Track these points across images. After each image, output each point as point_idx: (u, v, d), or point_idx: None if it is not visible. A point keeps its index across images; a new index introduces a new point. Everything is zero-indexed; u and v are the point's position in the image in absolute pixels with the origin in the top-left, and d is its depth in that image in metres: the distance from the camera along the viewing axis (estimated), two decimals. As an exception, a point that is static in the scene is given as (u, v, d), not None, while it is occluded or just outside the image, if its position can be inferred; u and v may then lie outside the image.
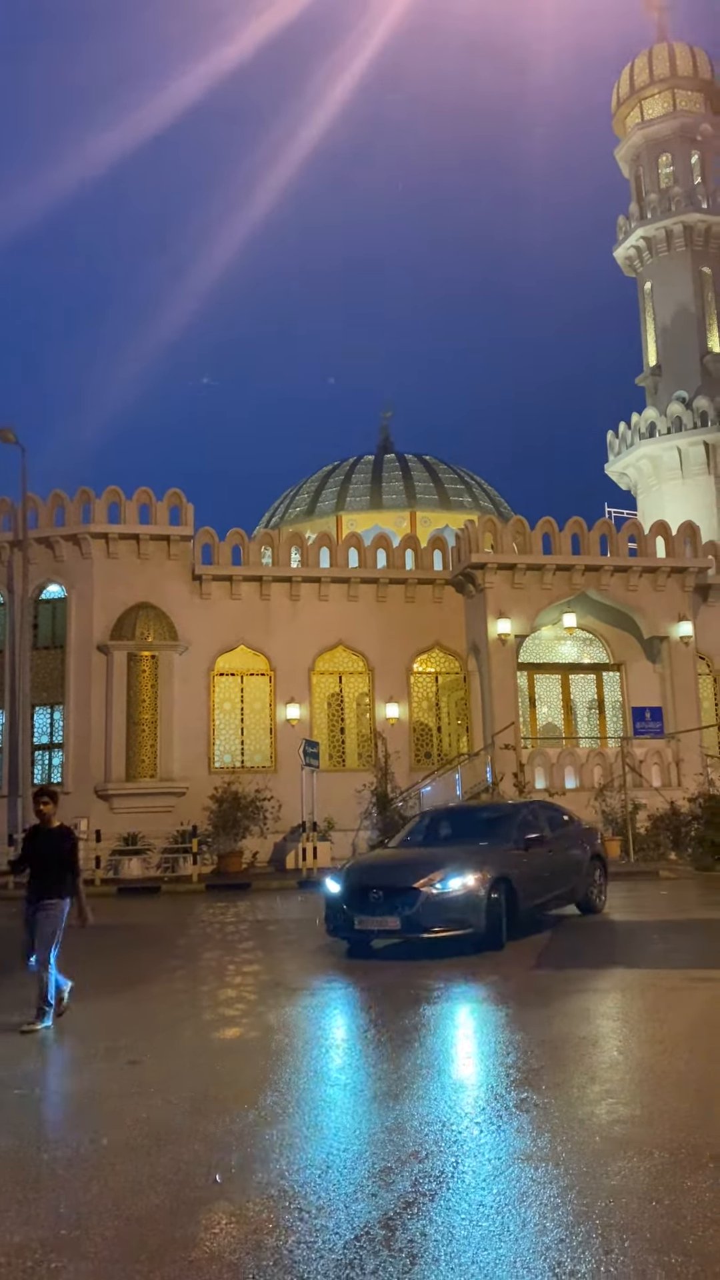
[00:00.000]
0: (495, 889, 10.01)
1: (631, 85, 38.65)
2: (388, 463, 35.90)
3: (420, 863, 10.43)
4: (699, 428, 34.55)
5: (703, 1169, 4.23)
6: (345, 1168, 4.41)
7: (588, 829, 14.01)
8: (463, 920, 9.73)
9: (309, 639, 25.77)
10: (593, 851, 13.12)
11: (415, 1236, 3.65)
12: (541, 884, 11.16)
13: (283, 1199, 4.07)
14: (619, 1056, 6.33)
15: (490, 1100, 5.35)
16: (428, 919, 9.68)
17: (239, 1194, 4.16)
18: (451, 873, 9.91)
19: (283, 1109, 5.38)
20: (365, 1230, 3.73)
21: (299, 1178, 4.31)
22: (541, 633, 26.86)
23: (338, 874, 10.81)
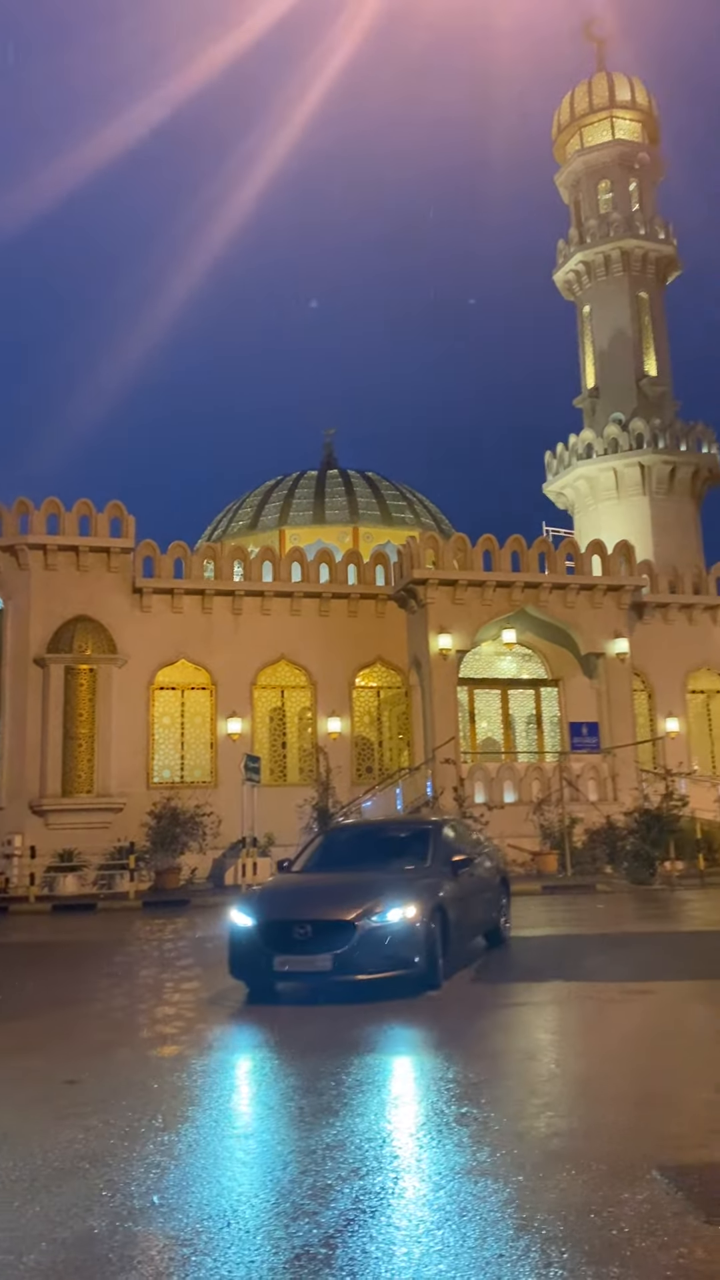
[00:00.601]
0: (433, 920, 8.78)
1: (572, 113, 39.48)
2: (331, 478, 36.01)
3: (351, 891, 8.95)
4: (634, 450, 35.24)
5: (640, 1181, 4.27)
6: (286, 1186, 4.37)
7: (494, 846, 13.24)
8: (403, 958, 8.40)
9: (251, 653, 25.68)
10: (500, 873, 11.99)
11: (356, 1254, 3.63)
12: (469, 913, 10.03)
13: (221, 1219, 4.02)
14: (557, 1069, 6.37)
15: (430, 1115, 5.35)
16: (365, 958, 8.30)
17: (178, 1214, 4.10)
18: (391, 902, 8.54)
19: (222, 1127, 5.32)
20: (305, 1249, 3.70)
21: (238, 1197, 4.27)
22: (482, 648, 27.10)
23: (248, 903, 9.12)
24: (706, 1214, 3.85)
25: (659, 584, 28.90)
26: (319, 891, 9.36)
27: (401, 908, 8.51)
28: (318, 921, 8.49)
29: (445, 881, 9.45)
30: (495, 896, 11.30)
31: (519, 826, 23.91)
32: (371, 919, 8.40)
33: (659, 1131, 4.94)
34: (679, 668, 28.80)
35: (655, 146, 39.46)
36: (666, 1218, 3.85)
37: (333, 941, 8.31)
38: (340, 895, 8.91)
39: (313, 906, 8.82)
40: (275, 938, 8.51)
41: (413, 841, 10.35)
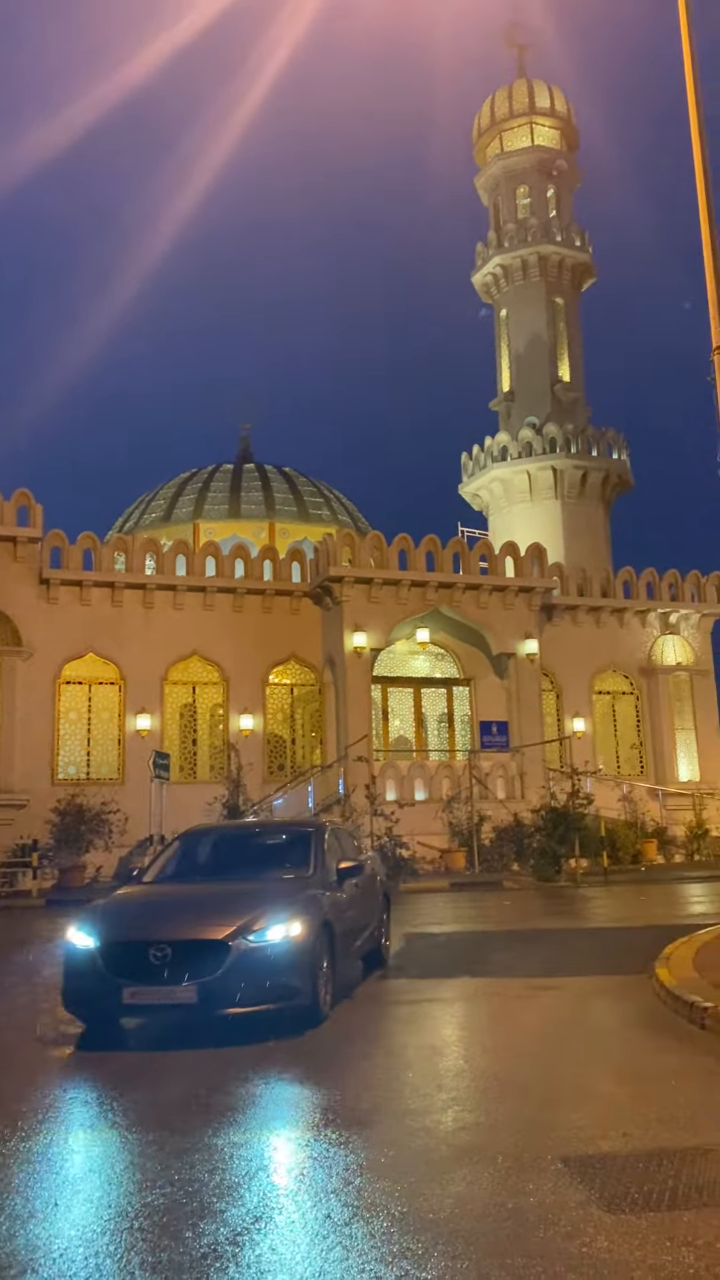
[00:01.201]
0: (320, 939, 7.41)
1: (493, 117, 39.93)
2: (247, 472, 35.74)
3: (223, 903, 7.43)
4: (548, 454, 35.82)
5: (545, 1172, 4.32)
6: (196, 1183, 4.30)
7: (375, 855, 11.97)
8: (288, 985, 6.95)
9: (162, 648, 25.33)
10: (382, 886, 10.52)
11: (264, 1253, 3.59)
12: (355, 930, 8.73)
13: (126, 1216, 3.94)
14: (464, 1064, 6.42)
15: (339, 1111, 5.34)
16: (241, 987, 6.76)
17: (78, 1220, 3.99)
18: (273, 916, 7.06)
19: (122, 1123, 5.21)
20: (213, 1248, 3.64)
21: (147, 1197, 4.18)
22: (395, 647, 27.23)
23: (88, 918, 7.54)
24: (608, 1204, 3.92)
25: (569, 586, 29.45)
26: (181, 904, 7.81)
27: (285, 924, 7.02)
28: (180, 942, 6.90)
29: (330, 894, 8.09)
30: (378, 911, 9.83)
31: (428, 824, 24.10)
32: (249, 938, 6.89)
33: (563, 1124, 5.02)
34: (586, 669, 29.39)
35: (573, 154, 40.18)
36: (570, 1208, 3.90)
37: (199, 967, 6.75)
38: (209, 909, 7.41)
39: (173, 923, 7.21)
40: (123, 963, 6.90)
41: (292, 847, 8.92)
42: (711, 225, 9.45)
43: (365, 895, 9.23)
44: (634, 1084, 5.75)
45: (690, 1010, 7.21)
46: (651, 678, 30.01)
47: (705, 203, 9.49)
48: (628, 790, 27.61)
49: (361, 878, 9.05)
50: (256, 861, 8.87)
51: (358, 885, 8.93)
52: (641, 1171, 4.28)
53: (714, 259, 9.41)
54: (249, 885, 8.01)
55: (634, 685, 30.08)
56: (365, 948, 9.28)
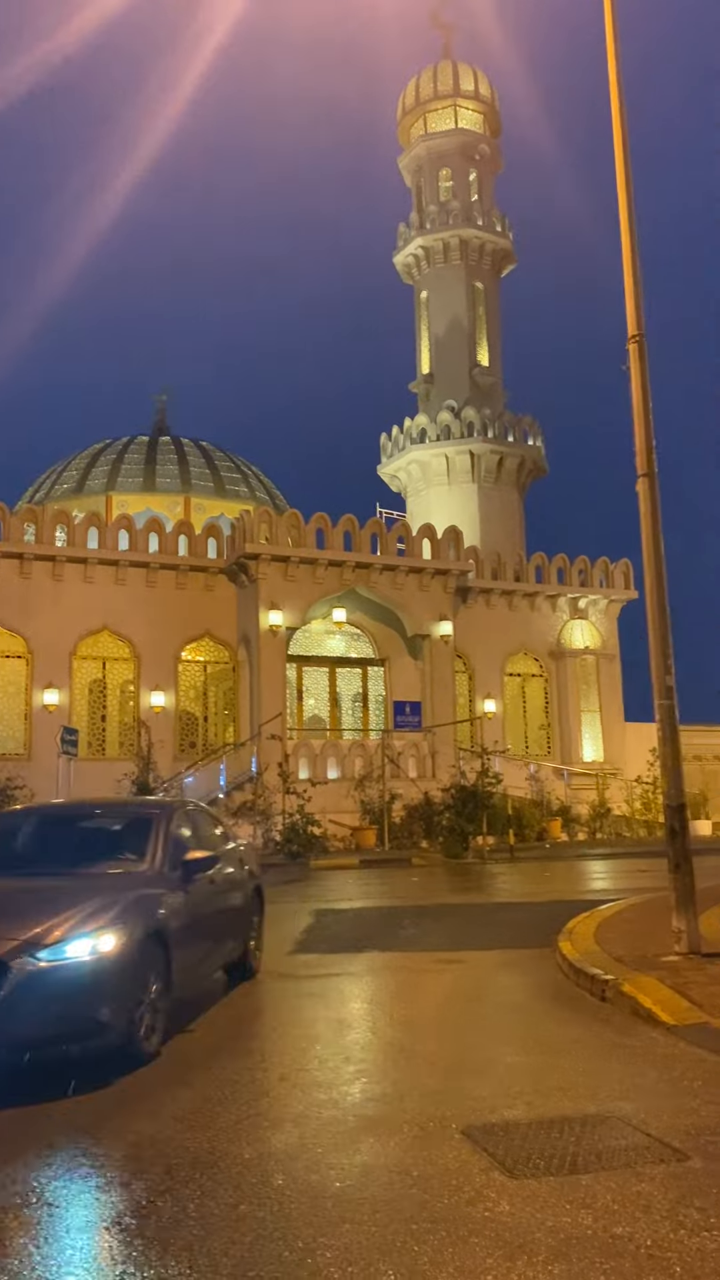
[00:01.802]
0: (146, 953, 5.86)
1: (417, 97, 39.85)
2: (163, 445, 35.21)
3: (14, 908, 5.85)
4: (466, 437, 36.12)
5: (449, 1140, 4.41)
6: (102, 1155, 4.27)
7: (246, 844, 9.68)
8: (88, 1019, 5.37)
9: (72, 622, 24.87)
10: (254, 881, 8.72)
11: (172, 1219, 3.58)
12: (206, 938, 7.11)
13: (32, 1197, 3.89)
14: (372, 1037, 6.50)
15: (246, 1084, 5.36)
16: (25, 1018, 5.20)
17: (-21, 1198, 3.91)
18: (75, 928, 5.52)
19: (29, 1106, 5.13)
20: (116, 1219, 3.63)
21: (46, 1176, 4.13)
22: (311, 626, 27.23)
23: None
24: (510, 1170, 4.02)
25: (484, 570, 29.81)
26: None
27: (92, 936, 5.50)
28: None
29: (171, 894, 6.55)
30: (244, 912, 8.11)
31: (340, 802, 24.23)
32: (37, 955, 5.32)
33: (467, 1094, 5.12)
34: (498, 651, 29.85)
35: (496, 139, 40.37)
36: (473, 1174, 3.99)
37: None
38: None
39: None
40: None
41: (127, 834, 7.32)
42: (630, 216, 9.61)
43: (225, 893, 7.66)
44: (537, 1054, 5.90)
45: (591, 982, 7.42)
46: (560, 661, 30.63)
47: (625, 194, 9.63)
48: (535, 770, 28.19)
49: (219, 871, 7.47)
50: (82, 852, 7.25)
51: (214, 881, 7.33)
52: (543, 1138, 4.39)
53: (631, 249, 9.56)
54: (60, 884, 6.29)
55: (543, 668, 30.66)
56: (226, 957, 7.67)
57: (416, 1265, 3.23)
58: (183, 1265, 3.27)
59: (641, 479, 9.21)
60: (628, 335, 9.46)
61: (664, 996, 6.69)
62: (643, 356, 9.37)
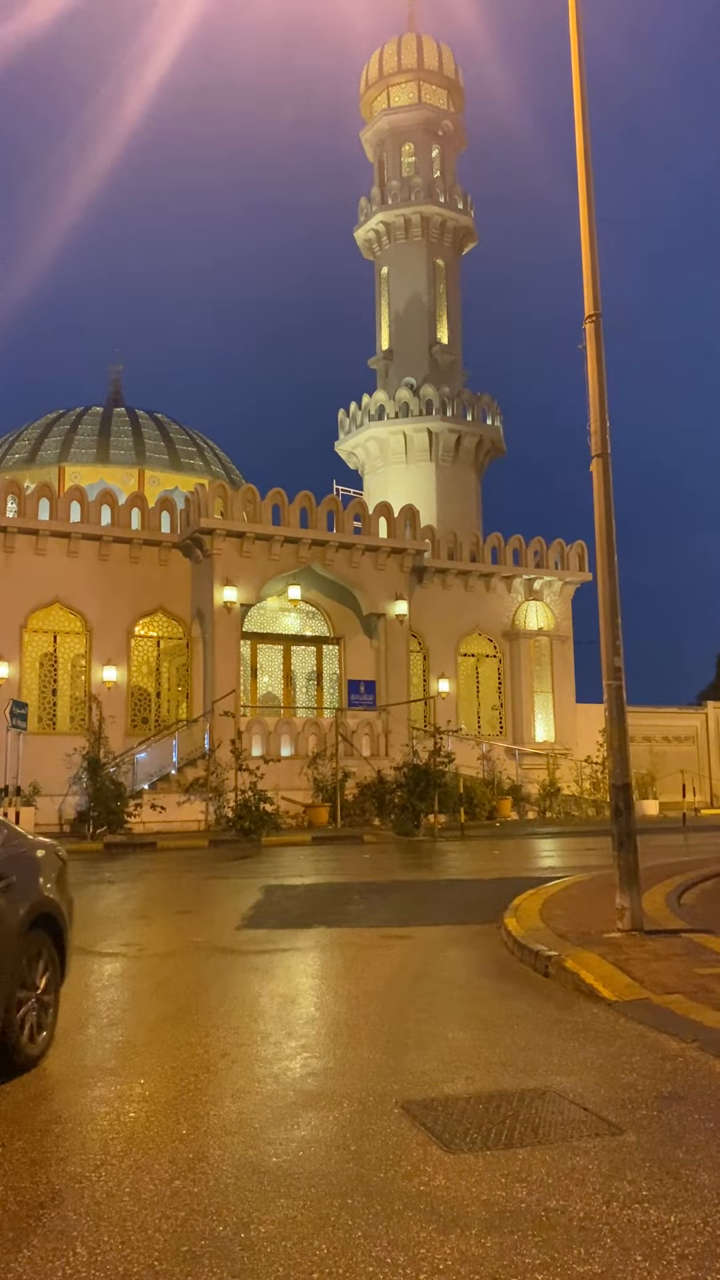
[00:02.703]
0: None
1: (380, 70, 39.44)
2: (117, 416, 34.73)
3: None
4: (424, 415, 36.05)
5: (388, 1115, 4.42)
6: (26, 1124, 4.22)
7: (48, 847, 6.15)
8: None
9: (22, 595, 24.51)
10: (38, 908, 5.38)
11: (107, 1194, 3.55)
12: None
13: (-41, 1176, 3.82)
14: (315, 1012, 6.50)
15: (188, 1058, 5.33)
16: None
17: None
18: None
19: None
20: (52, 1193, 3.59)
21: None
22: (267, 603, 27.11)
23: None
24: (446, 1145, 4.04)
25: (440, 550, 29.84)
26: None
27: None
28: None
29: None
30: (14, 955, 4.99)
31: (293, 780, 24.24)
32: None
33: (408, 1069, 5.14)
34: (453, 632, 29.94)
35: (459, 116, 40.10)
36: (411, 1149, 4.00)
37: None
38: None
39: None
40: None
41: None
42: (589, 195, 9.58)
43: None
44: (479, 1029, 5.93)
45: (535, 959, 7.48)
46: (514, 641, 30.81)
47: (584, 172, 9.60)
48: (487, 749, 28.40)
49: None
50: None
51: None
52: (481, 1113, 4.42)
53: (590, 229, 9.54)
54: None
55: (497, 649, 30.83)
56: None
57: (350, 1238, 3.23)
58: (115, 1239, 3.24)
59: (595, 460, 9.23)
60: (584, 315, 9.45)
61: (605, 972, 6.77)
62: (598, 336, 9.37)
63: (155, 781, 23.97)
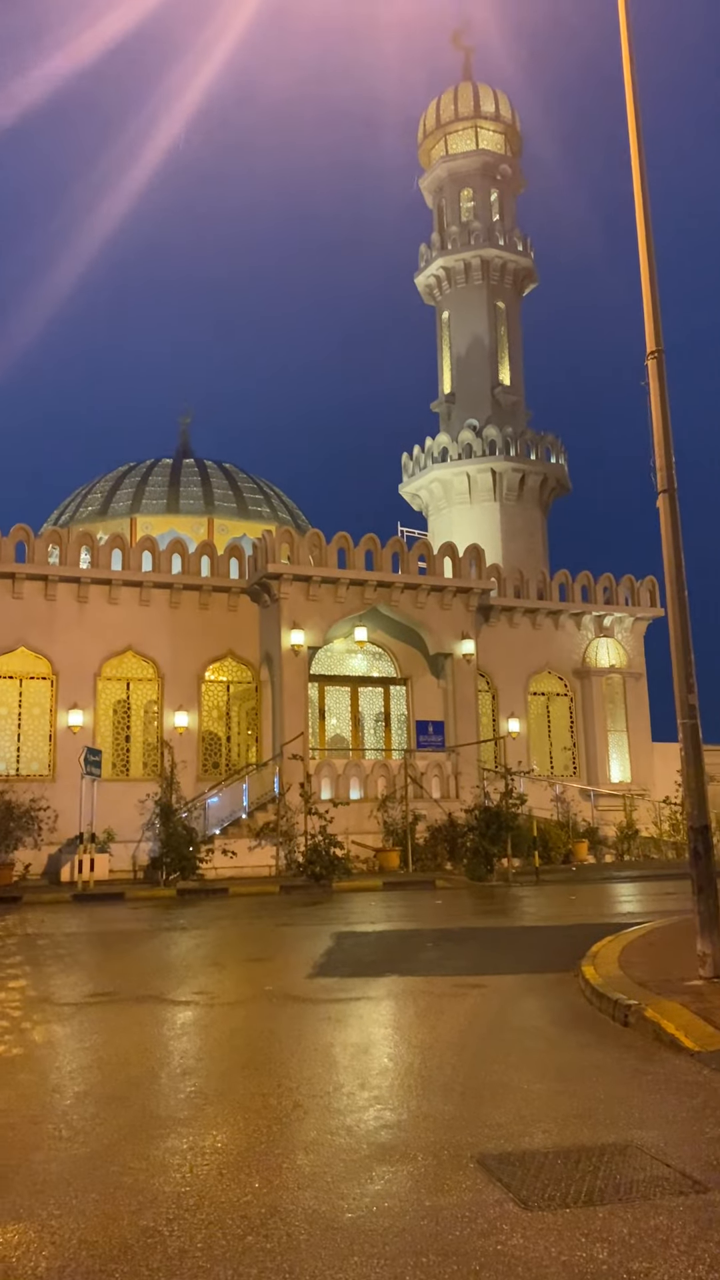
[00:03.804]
0: None
1: (438, 119, 40.11)
2: (186, 467, 35.41)
3: None
4: (488, 455, 36.09)
5: (463, 1169, 4.32)
6: (99, 1176, 4.21)
7: None
8: None
9: (96, 643, 24.97)
10: None
11: (179, 1250, 3.52)
12: None
13: (45, 1228, 3.84)
14: (389, 1062, 6.40)
15: (260, 1109, 5.28)
16: None
17: (-14, 1225, 3.88)
18: None
19: (43, 1128, 5.09)
20: (124, 1247, 3.56)
21: (64, 1197, 4.08)
22: (333, 645, 27.21)
23: None
24: (524, 1201, 3.92)
25: (506, 588, 29.69)
26: None
27: None
28: None
29: None
30: None
31: (363, 823, 24.13)
32: None
33: (483, 1121, 5.02)
34: (522, 670, 29.67)
35: (517, 160, 40.52)
36: (487, 1205, 3.90)
37: None
38: None
39: None
40: None
41: None
42: (648, 233, 9.58)
43: None
44: (556, 1081, 5.78)
45: (614, 1008, 7.29)
46: (585, 680, 30.40)
47: (642, 211, 9.61)
48: (560, 791, 27.95)
49: None
50: None
51: None
52: (559, 1168, 4.29)
53: (650, 266, 9.53)
54: None
55: (568, 687, 30.45)
56: None
57: (425, 1300, 3.15)
58: None
59: (661, 495, 9.13)
60: (647, 351, 9.41)
61: (687, 1021, 6.56)
62: (661, 372, 9.31)
63: (226, 826, 24.07)
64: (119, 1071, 6.24)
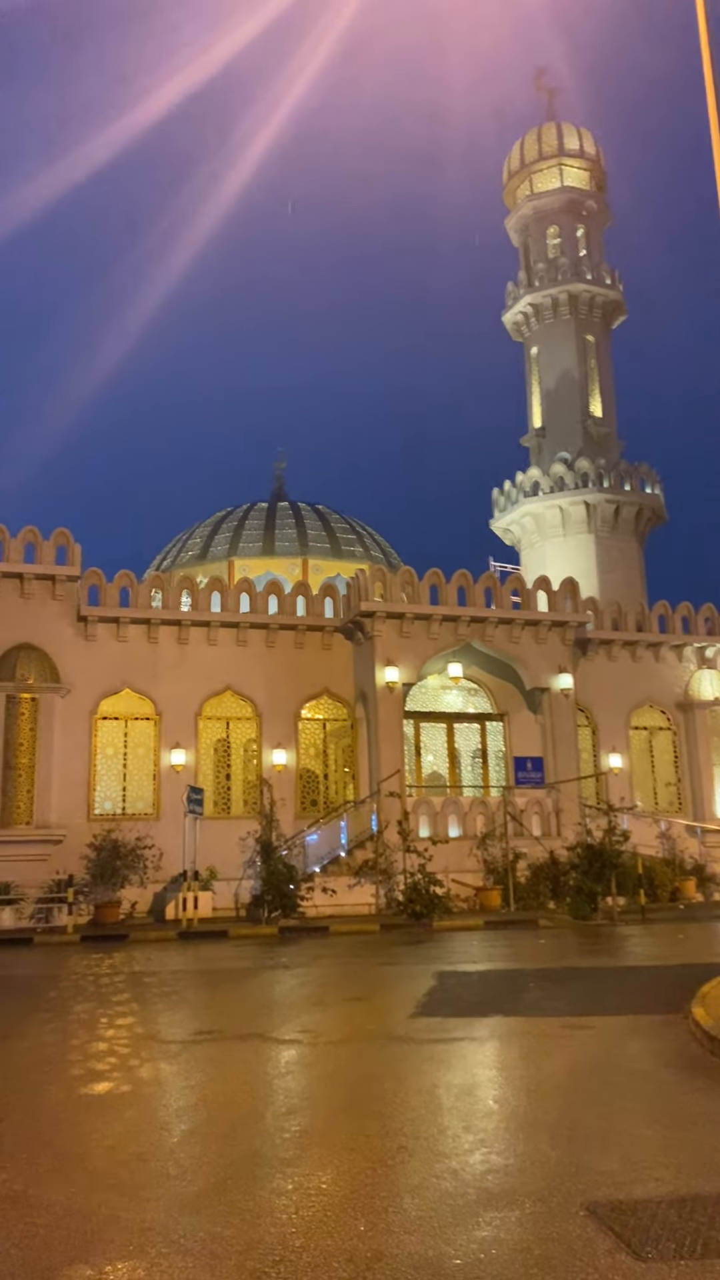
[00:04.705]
0: None
1: (522, 159, 40.41)
2: (281, 510, 36.06)
3: None
4: (580, 488, 35.79)
5: (572, 1216, 4.24)
6: (206, 1215, 4.26)
7: None
8: None
9: (197, 684, 25.45)
10: None
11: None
12: None
13: (153, 1268, 3.90)
14: (494, 1105, 6.32)
15: (364, 1150, 5.27)
16: None
17: (97, 1256, 3.97)
18: None
19: (150, 1166, 5.18)
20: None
21: (171, 1235, 4.14)
22: (428, 681, 27.18)
23: None
24: (636, 1252, 3.83)
25: (603, 621, 29.26)
26: None
27: None
28: None
29: None
30: None
31: (463, 861, 23.90)
32: None
33: (592, 1167, 4.92)
34: (622, 704, 29.12)
35: (602, 194, 40.50)
36: (598, 1255, 3.82)
37: None
38: None
39: None
40: None
41: None
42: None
43: None
44: (666, 1127, 5.63)
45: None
46: (689, 713, 29.67)
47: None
48: (665, 827, 27.22)
49: None
50: None
51: None
52: (673, 1218, 4.18)
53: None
54: None
55: (671, 720, 29.75)
56: None
57: (536, 1350, 3.10)
58: None
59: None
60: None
61: None
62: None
63: (325, 864, 24.12)
64: (224, 1110, 6.30)
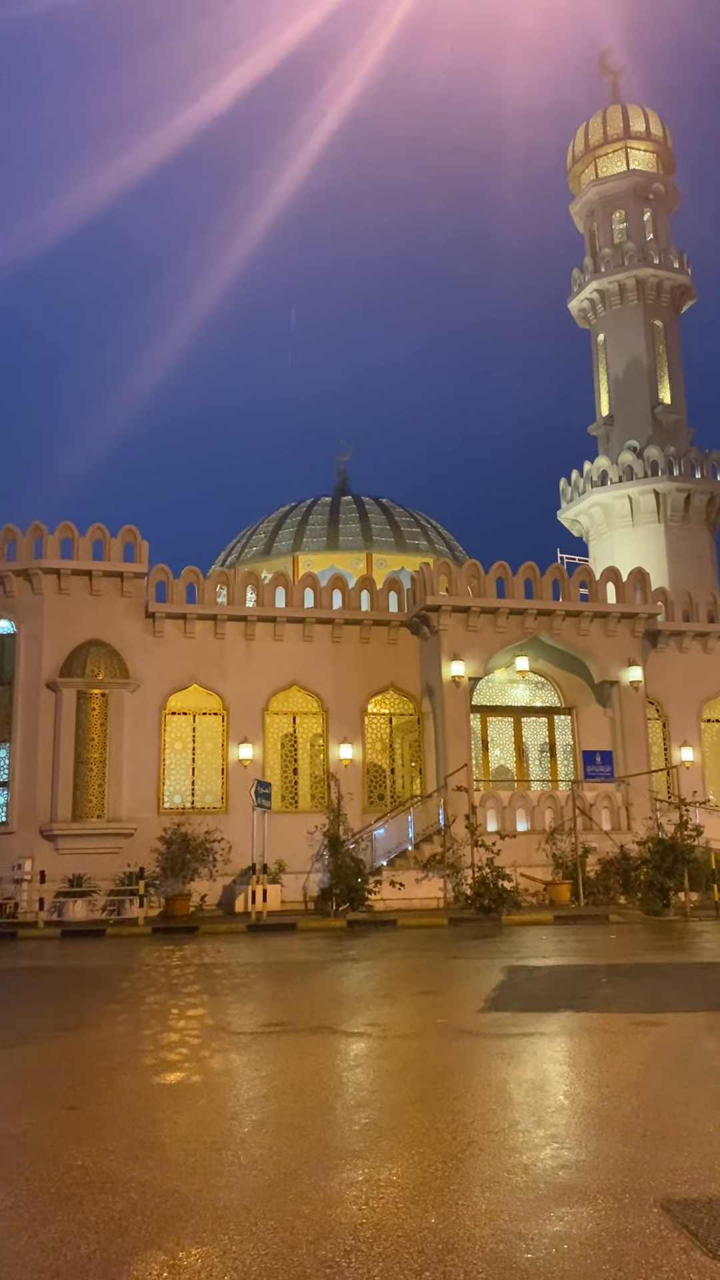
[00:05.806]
0: None
1: (586, 144, 39.82)
2: (344, 505, 36.12)
3: None
4: (649, 477, 35.21)
5: (646, 1214, 4.18)
6: (277, 1204, 4.29)
7: None
8: None
9: (263, 679, 25.65)
10: None
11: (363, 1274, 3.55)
12: None
13: (226, 1254, 3.95)
14: (565, 1101, 6.26)
15: (434, 1143, 5.26)
16: None
17: (171, 1242, 4.03)
18: None
19: (222, 1155, 5.24)
20: (302, 1277, 3.62)
21: (244, 1223, 4.19)
22: (494, 675, 27.00)
23: None
24: (712, 1251, 3.76)
25: (674, 612, 28.76)
26: None
27: None
28: None
29: None
30: None
31: (531, 855, 23.74)
32: None
33: (666, 1165, 4.84)
34: (694, 696, 28.60)
35: (669, 176, 39.72)
36: (673, 1253, 3.76)
37: None
38: None
39: None
40: None
41: None
42: None
43: None
44: (744, 1127, 5.51)
45: None
46: (762, 705, 29.01)
47: None
48: (739, 821, 26.66)
49: None
50: None
51: None
52: (750, 1218, 4.09)
53: None
54: None
55: (744, 713, 29.12)
56: None
57: (610, 1348, 3.06)
58: None
59: None
60: None
61: None
62: None
63: (393, 858, 24.14)
64: (294, 1101, 6.34)
